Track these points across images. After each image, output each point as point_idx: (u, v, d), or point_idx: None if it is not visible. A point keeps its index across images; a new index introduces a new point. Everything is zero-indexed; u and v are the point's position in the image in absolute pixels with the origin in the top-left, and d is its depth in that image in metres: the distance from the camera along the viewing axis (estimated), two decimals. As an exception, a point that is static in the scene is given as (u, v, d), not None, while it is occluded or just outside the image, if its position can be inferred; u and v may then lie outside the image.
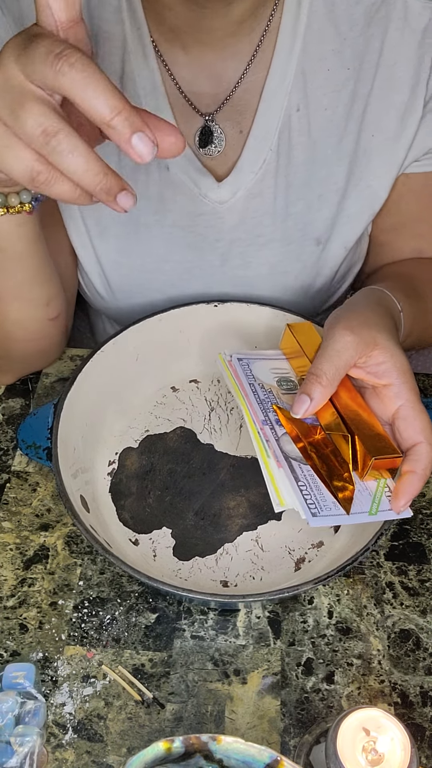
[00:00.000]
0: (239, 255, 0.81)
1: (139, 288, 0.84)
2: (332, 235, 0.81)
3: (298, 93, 0.73)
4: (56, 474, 0.66)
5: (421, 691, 0.63)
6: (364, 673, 0.64)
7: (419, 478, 0.59)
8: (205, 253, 0.81)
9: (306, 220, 0.79)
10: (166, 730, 0.61)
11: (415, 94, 0.74)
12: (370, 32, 0.72)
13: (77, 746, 0.60)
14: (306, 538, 0.71)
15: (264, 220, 0.79)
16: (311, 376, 0.61)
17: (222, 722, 0.61)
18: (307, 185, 0.77)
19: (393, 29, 0.72)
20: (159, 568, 0.68)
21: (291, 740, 0.61)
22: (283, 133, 0.74)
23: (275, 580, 0.68)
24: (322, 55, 0.72)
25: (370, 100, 0.74)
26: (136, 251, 0.81)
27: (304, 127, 0.75)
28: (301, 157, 0.76)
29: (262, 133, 0.75)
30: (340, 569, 0.61)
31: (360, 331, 0.61)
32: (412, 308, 0.72)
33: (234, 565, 0.69)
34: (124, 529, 0.71)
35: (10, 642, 0.65)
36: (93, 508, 0.69)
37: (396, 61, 0.73)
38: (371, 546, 0.63)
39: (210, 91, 0.74)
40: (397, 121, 0.75)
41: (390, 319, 0.66)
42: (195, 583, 0.67)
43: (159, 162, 0.75)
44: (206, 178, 0.76)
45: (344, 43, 0.72)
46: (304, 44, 0.72)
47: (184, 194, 0.77)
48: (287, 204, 0.78)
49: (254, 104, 0.74)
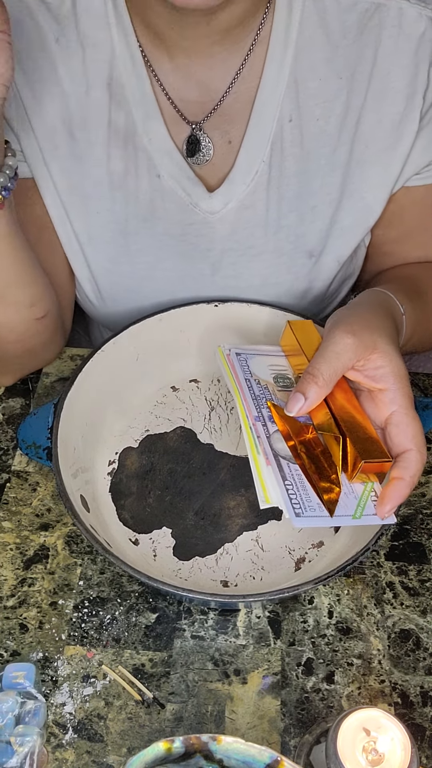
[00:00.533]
0: (230, 265, 0.80)
1: (130, 295, 0.83)
2: (325, 248, 0.80)
3: (291, 103, 0.72)
4: (56, 474, 0.66)
5: (421, 691, 0.63)
6: (364, 673, 0.64)
7: (407, 485, 0.59)
8: (196, 262, 0.80)
9: (298, 233, 0.78)
10: (166, 730, 0.61)
11: (410, 105, 0.72)
12: (363, 40, 0.70)
13: (77, 746, 0.60)
14: (306, 538, 0.71)
15: (256, 231, 0.78)
16: (308, 376, 0.61)
17: (222, 722, 0.61)
18: (299, 197, 0.76)
19: (386, 37, 0.70)
20: (159, 568, 0.68)
21: (291, 740, 0.61)
22: (275, 144, 0.73)
23: (275, 580, 0.68)
24: (315, 65, 0.71)
25: (363, 111, 0.73)
26: (125, 258, 0.80)
27: (296, 137, 0.73)
28: (294, 169, 0.75)
29: (254, 144, 0.74)
30: (341, 569, 0.61)
31: (361, 334, 0.61)
32: (415, 311, 0.72)
33: (234, 565, 0.69)
34: (124, 529, 0.71)
35: (10, 642, 0.65)
36: (93, 508, 0.69)
37: (390, 70, 0.71)
38: (371, 546, 0.63)
39: (197, 99, 0.73)
40: (391, 132, 0.73)
41: (391, 323, 0.65)
42: (195, 583, 0.67)
43: (150, 169, 0.74)
44: (197, 187, 0.75)
45: (336, 51, 0.71)
46: (296, 53, 0.71)
47: (174, 203, 0.76)
48: (279, 216, 0.77)
49: (244, 114, 0.73)
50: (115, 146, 0.73)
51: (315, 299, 0.85)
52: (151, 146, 0.73)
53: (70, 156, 0.74)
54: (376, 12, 0.70)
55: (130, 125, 0.73)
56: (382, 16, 0.70)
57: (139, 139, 0.73)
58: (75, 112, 0.72)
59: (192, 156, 0.75)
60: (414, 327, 0.72)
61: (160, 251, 0.79)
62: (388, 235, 0.82)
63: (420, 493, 0.76)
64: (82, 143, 0.73)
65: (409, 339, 0.72)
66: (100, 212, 0.77)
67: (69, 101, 0.72)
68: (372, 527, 0.64)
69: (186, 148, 0.74)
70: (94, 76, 0.71)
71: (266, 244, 0.79)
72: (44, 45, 0.70)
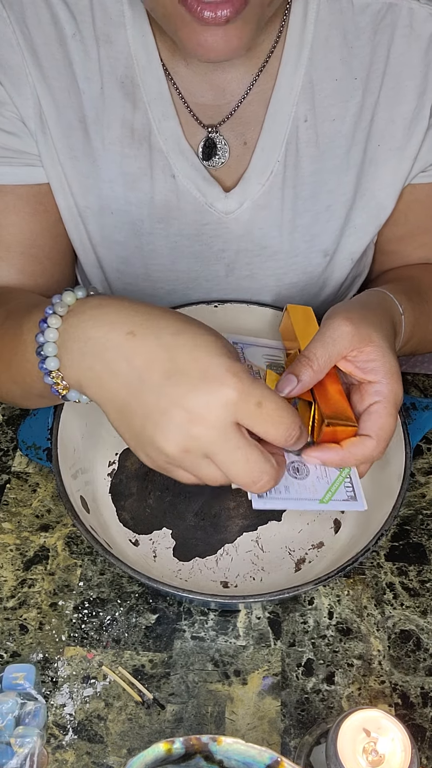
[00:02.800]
0: (245, 266, 0.80)
1: (142, 296, 0.83)
2: (339, 246, 0.80)
3: (306, 104, 0.72)
4: (56, 475, 0.66)
5: (421, 692, 0.63)
6: (364, 674, 0.64)
7: (344, 457, 0.59)
8: (211, 262, 0.80)
9: (313, 232, 0.78)
10: (166, 731, 0.61)
11: (421, 104, 0.73)
12: (376, 40, 0.71)
13: (77, 747, 0.60)
14: (306, 538, 0.71)
15: (271, 231, 0.78)
16: (303, 359, 0.60)
17: (222, 723, 0.61)
18: (314, 197, 0.76)
19: (399, 36, 0.71)
20: (159, 569, 0.68)
21: (291, 741, 0.61)
22: (290, 144, 0.74)
23: (276, 581, 0.68)
24: (330, 65, 0.71)
25: (376, 110, 0.73)
26: (139, 259, 0.80)
27: (311, 138, 0.74)
28: (309, 169, 0.75)
29: (269, 144, 0.74)
30: (341, 569, 0.61)
31: (358, 325, 0.61)
32: (415, 312, 0.72)
33: (234, 565, 0.69)
34: (124, 530, 0.71)
35: (10, 643, 0.65)
36: (93, 509, 0.69)
37: (402, 69, 0.72)
38: (372, 546, 0.63)
39: (213, 103, 0.73)
40: (403, 130, 0.74)
41: (389, 323, 0.65)
42: (195, 583, 0.67)
43: (165, 169, 0.74)
44: (213, 187, 0.75)
45: (351, 52, 0.71)
46: (311, 54, 0.71)
47: (189, 203, 0.76)
48: (294, 216, 0.77)
49: (260, 115, 0.73)
50: (130, 146, 0.73)
51: (328, 298, 0.85)
52: (167, 146, 0.73)
53: (84, 155, 0.74)
54: (388, 12, 0.70)
55: (146, 125, 0.72)
56: (394, 16, 0.71)
57: (155, 139, 0.73)
58: (90, 111, 0.72)
59: (208, 160, 0.75)
60: (413, 327, 0.72)
61: (174, 252, 0.79)
62: (392, 233, 0.83)
63: (420, 493, 0.76)
64: (97, 142, 0.73)
65: (409, 340, 0.72)
66: (114, 213, 0.77)
67: (84, 99, 0.72)
68: (373, 526, 0.64)
69: (202, 152, 0.74)
70: (109, 75, 0.71)
71: (281, 244, 0.79)
72: (62, 40, 0.70)
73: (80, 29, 0.70)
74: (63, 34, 0.70)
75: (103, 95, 0.71)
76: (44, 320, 0.55)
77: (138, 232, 0.78)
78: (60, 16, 0.69)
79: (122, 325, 0.52)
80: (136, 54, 0.70)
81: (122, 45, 0.70)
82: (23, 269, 0.77)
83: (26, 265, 0.77)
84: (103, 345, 0.52)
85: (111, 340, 0.52)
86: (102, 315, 0.53)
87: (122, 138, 0.73)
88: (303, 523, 0.72)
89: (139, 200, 0.76)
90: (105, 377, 0.52)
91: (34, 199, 0.75)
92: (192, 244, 0.79)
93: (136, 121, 0.72)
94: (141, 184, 0.75)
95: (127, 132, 0.73)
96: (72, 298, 0.55)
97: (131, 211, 0.76)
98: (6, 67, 0.70)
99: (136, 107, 0.72)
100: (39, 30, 0.69)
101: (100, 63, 0.71)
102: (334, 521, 0.72)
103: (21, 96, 0.70)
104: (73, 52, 0.70)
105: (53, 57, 0.70)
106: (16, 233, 0.76)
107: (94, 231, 0.78)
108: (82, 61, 0.70)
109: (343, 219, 0.78)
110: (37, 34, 0.69)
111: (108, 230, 0.78)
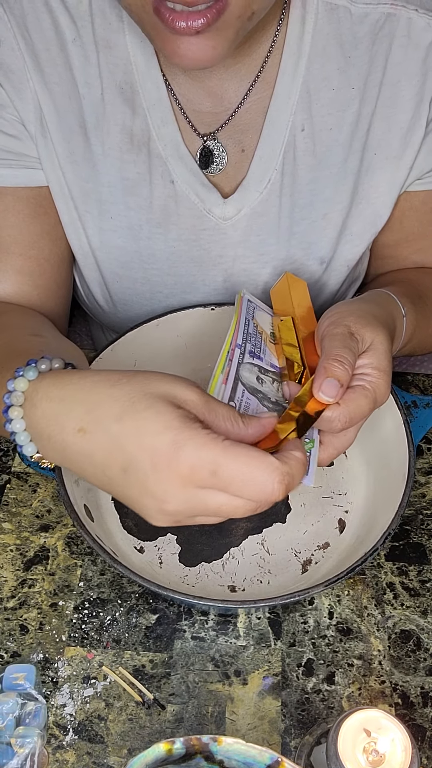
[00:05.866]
0: (242, 272, 0.80)
1: (141, 301, 0.83)
2: (335, 254, 0.80)
3: (303, 113, 0.72)
4: (60, 484, 0.65)
5: (421, 692, 0.63)
6: (364, 674, 0.64)
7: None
8: (208, 268, 0.80)
9: (310, 240, 0.78)
10: (166, 732, 0.61)
11: (418, 113, 0.73)
12: (374, 50, 0.71)
13: (78, 747, 0.60)
14: (311, 539, 0.71)
15: (268, 239, 0.78)
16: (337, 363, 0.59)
17: (223, 723, 0.61)
18: (311, 205, 0.77)
19: (397, 46, 0.71)
20: (166, 576, 0.68)
21: (292, 741, 0.61)
22: (287, 152, 0.74)
23: (283, 583, 0.68)
24: (327, 75, 0.72)
25: (374, 119, 0.73)
26: (137, 264, 0.80)
27: (308, 146, 0.74)
28: (306, 177, 0.75)
29: (267, 152, 0.74)
30: (351, 570, 0.61)
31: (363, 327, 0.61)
32: (416, 313, 0.72)
33: (241, 569, 0.69)
34: (128, 537, 0.71)
35: (10, 643, 0.65)
36: (97, 517, 0.69)
37: (399, 78, 0.72)
38: (380, 547, 0.63)
39: (210, 110, 0.73)
40: (399, 139, 0.74)
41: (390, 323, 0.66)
42: (202, 588, 0.67)
43: (164, 175, 0.74)
44: (212, 193, 0.75)
45: (349, 61, 0.71)
46: (309, 64, 0.71)
47: (188, 208, 0.76)
48: (291, 224, 0.77)
49: (257, 123, 0.74)
50: (129, 151, 0.73)
51: (324, 304, 0.85)
52: (166, 152, 0.73)
53: (84, 160, 0.74)
54: (386, 22, 0.70)
55: (145, 130, 0.73)
56: (392, 26, 0.70)
57: (154, 144, 0.73)
58: (90, 116, 0.72)
59: (206, 168, 0.75)
60: (414, 328, 0.72)
61: (172, 257, 0.79)
62: (387, 239, 0.83)
63: (420, 493, 0.76)
64: (97, 147, 0.73)
65: (408, 341, 0.72)
66: (114, 217, 0.77)
67: (84, 104, 0.72)
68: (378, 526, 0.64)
69: (200, 160, 0.74)
70: (109, 80, 0.71)
71: (278, 251, 0.79)
72: (63, 45, 0.70)
73: (80, 34, 0.70)
74: (63, 39, 0.70)
75: (103, 100, 0.72)
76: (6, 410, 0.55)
77: (137, 237, 0.78)
78: (60, 21, 0.69)
79: (71, 422, 0.52)
80: (135, 60, 0.71)
81: (121, 51, 0.70)
82: (22, 271, 0.77)
83: (25, 266, 0.77)
84: (61, 446, 0.53)
85: (66, 440, 0.53)
86: (51, 412, 0.54)
87: (122, 143, 0.73)
88: (308, 524, 0.72)
89: (138, 205, 0.76)
90: (77, 470, 0.54)
91: (34, 202, 0.75)
92: (190, 249, 0.79)
93: (135, 127, 0.73)
94: (140, 189, 0.75)
95: (126, 137, 0.73)
96: (24, 384, 0.55)
97: (130, 216, 0.77)
98: (7, 71, 0.70)
99: (135, 113, 0.72)
100: (40, 35, 0.69)
101: (100, 68, 0.71)
102: (339, 521, 0.72)
103: (22, 99, 0.71)
104: (74, 57, 0.70)
105: (54, 62, 0.70)
106: (15, 235, 0.76)
107: (93, 235, 0.78)
108: (82, 66, 0.70)
109: (340, 227, 0.78)
110: (38, 38, 0.69)
111: (107, 234, 0.78)
